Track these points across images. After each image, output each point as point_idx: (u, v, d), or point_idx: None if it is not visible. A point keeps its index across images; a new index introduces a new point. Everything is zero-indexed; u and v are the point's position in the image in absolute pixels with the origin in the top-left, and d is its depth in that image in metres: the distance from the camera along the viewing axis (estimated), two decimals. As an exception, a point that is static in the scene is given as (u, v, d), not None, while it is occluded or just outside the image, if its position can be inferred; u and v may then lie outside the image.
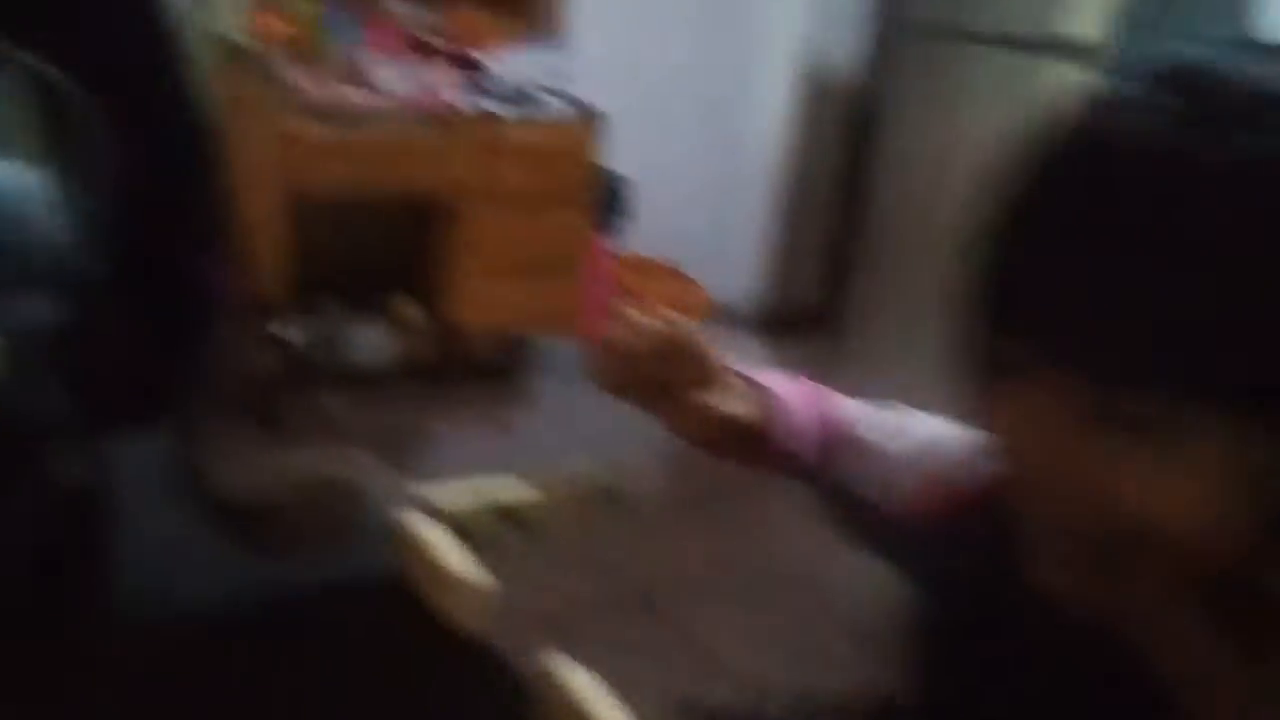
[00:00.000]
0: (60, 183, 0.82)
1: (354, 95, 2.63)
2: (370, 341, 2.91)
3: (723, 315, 3.85)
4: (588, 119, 2.95)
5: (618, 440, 0.55)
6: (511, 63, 2.85)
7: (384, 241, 3.11)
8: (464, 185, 2.78)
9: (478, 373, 3.06)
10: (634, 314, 0.62)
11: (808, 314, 4.08)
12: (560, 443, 0.60)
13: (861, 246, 3.83)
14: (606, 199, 3.11)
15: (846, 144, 3.85)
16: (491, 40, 2.96)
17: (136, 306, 0.88)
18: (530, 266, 2.97)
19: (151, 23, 0.94)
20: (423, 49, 2.82)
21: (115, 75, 0.86)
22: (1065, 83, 2.69)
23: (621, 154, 3.11)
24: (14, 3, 0.82)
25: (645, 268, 3.52)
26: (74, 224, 0.83)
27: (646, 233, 3.45)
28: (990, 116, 2.87)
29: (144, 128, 0.89)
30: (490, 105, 2.78)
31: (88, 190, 0.83)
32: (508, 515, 0.58)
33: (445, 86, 2.77)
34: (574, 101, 2.93)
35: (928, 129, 3.30)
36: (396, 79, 2.71)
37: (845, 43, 3.76)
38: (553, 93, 2.89)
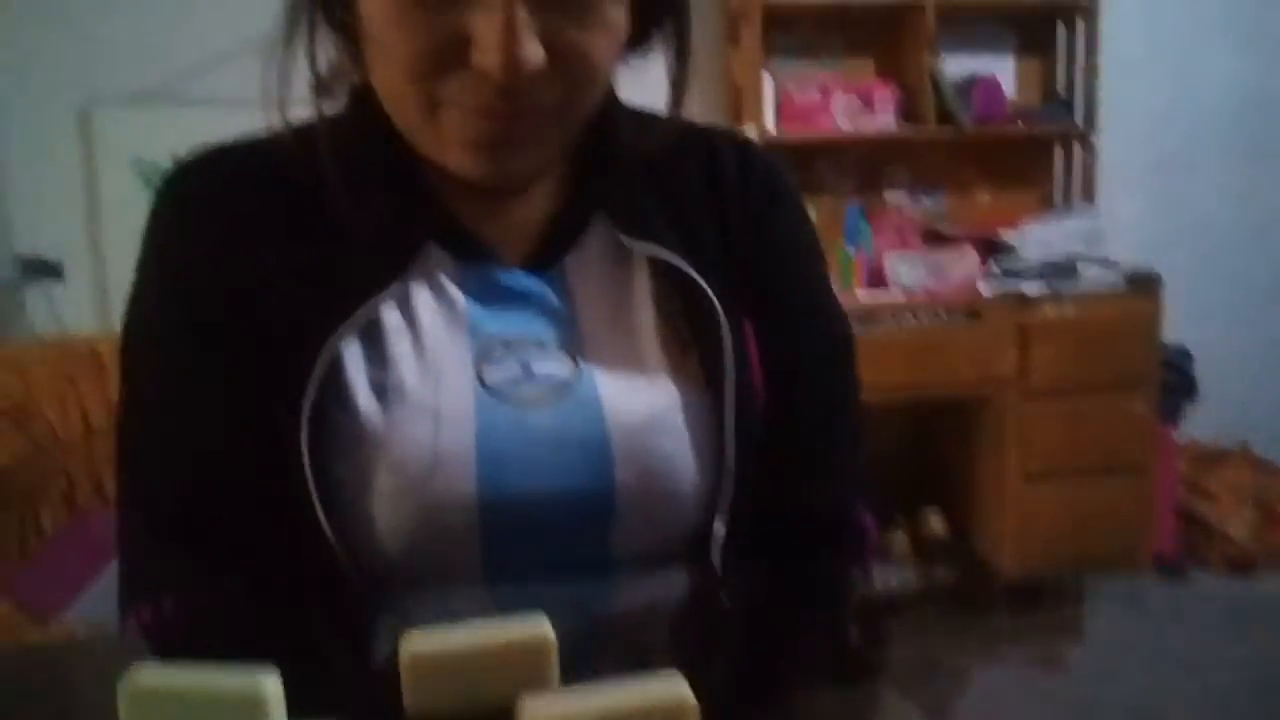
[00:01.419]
0: (696, 398, 0.66)
1: (871, 296, 2.45)
2: (891, 561, 2.61)
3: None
4: (1139, 286, 2.49)
5: (1189, 678, 0.36)
6: (1037, 236, 2.51)
7: (907, 450, 2.81)
8: (998, 379, 2.43)
9: (1015, 597, 2.57)
10: None
11: None
12: (1114, 683, 0.31)
13: None
14: (1167, 379, 2.57)
15: None
16: (1010, 216, 2.66)
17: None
18: (1081, 467, 2.49)
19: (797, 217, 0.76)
20: (936, 238, 2.60)
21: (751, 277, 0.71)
22: None
23: (1175, 324, 2.58)
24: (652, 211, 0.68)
25: (1216, 457, 2.85)
26: (705, 448, 0.66)
27: (1211, 414, 2.81)
28: None
29: (785, 342, 0.73)
30: (1019, 286, 2.44)
31: (722, 406, 0.65)
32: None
33: (965, 273, 2.49)
34: (1119, 268, 2.50)
35: None
36: (912, 273, 2.50)
37: None
38: (1092, 262, 2.49)
